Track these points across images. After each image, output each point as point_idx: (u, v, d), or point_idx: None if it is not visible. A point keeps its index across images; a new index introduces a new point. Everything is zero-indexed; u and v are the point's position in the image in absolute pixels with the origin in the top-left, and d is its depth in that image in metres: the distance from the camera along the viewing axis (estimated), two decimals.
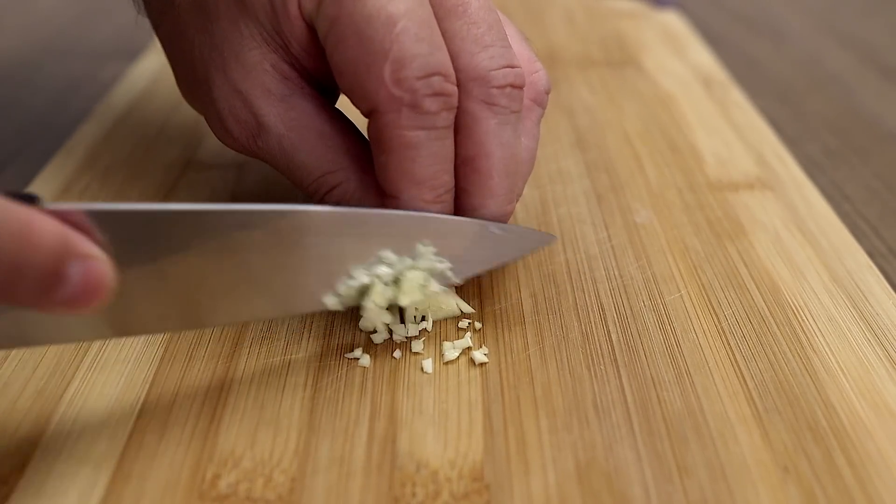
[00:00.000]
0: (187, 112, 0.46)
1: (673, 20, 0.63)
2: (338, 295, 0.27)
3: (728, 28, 0.65)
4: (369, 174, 0.29)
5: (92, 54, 0.58)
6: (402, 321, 0.30)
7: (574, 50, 0.57)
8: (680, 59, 0.56)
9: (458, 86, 0.27)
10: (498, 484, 0.24)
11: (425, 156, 0.27)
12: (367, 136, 0.29)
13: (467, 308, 0.31)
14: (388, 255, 0.27)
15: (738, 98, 0.50)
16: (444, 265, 0.28)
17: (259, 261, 0.25)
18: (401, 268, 0.28)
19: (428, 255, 0.28)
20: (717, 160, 0.42)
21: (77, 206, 0.21)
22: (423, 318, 0.30)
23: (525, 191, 0.38)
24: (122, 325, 0.25)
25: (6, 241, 0.19)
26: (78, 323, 0.24)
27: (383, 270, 0.27)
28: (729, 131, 0.45)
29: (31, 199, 0.20)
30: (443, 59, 0.26)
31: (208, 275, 0.25)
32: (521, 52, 0.31)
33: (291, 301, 0.27)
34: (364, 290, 0.27)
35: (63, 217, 0.21)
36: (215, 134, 0.30)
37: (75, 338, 0.25)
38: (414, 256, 0.28)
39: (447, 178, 0.28)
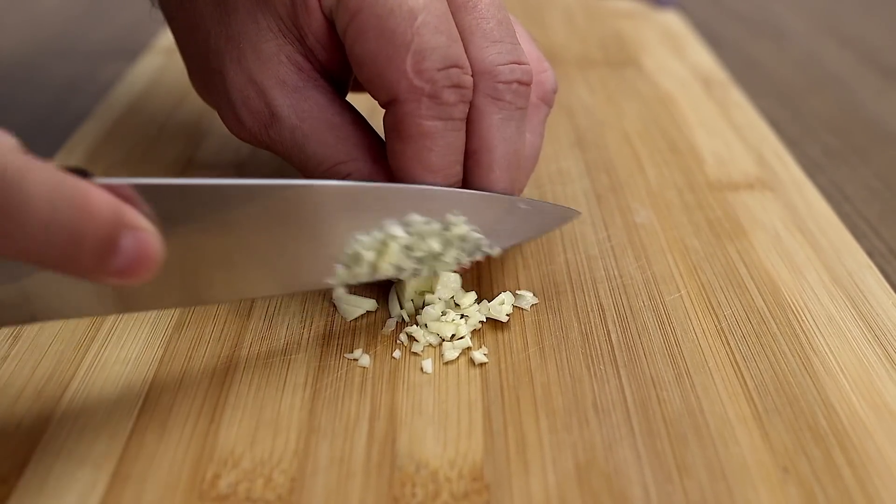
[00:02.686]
0: (187, 112, 0.46)
1: (673, 20, 0.63)
2: (346, 257, 0.27)
3: (728, 28, 0.65)
4: (379, 165, 0.29)
5: (92, 54, 0.58)
6: (402, 308, 0.30)
7: (574, 50, 0.57)
8: (680, 59, 0.56)
9: None
10: (498, 484, 0.24)
11: (441, 145, 0.27)
12: (375, 129, 0.29)
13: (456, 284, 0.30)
14: (415, 217, 0.27)
15: (738, 98, 0.50)
16: (478, 234, 0.29)
17: (270, 237, 0.26)
18: (426, 229, 0.27)
19: (460, 223, 0.28)
20: (717, 160, 0.42)
21: (125, 181, 0.22)
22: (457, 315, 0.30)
23: (525, 190, 0.38)
24: (126, 300, 0.25)
25: (68, 211, 0.19)
26: (83, 297, 0.24)
27: (397, 231, 0.27)
28: (729, 131, 0.45)
29: (83, 174, 0.21)
30: (460, 52, 0.27)
31: (212, 250, 0.25)
32: (529, 51, 0.31)
33: (297, 278, 0.27)
34: (375, 256, 0.27)
35: (113, 190, 0.21)
36: (227, 125, 0.30)
37: (81, 313, 0.25)
38: (444, 224, 0.28)
39: (459, 169, 0.28)
